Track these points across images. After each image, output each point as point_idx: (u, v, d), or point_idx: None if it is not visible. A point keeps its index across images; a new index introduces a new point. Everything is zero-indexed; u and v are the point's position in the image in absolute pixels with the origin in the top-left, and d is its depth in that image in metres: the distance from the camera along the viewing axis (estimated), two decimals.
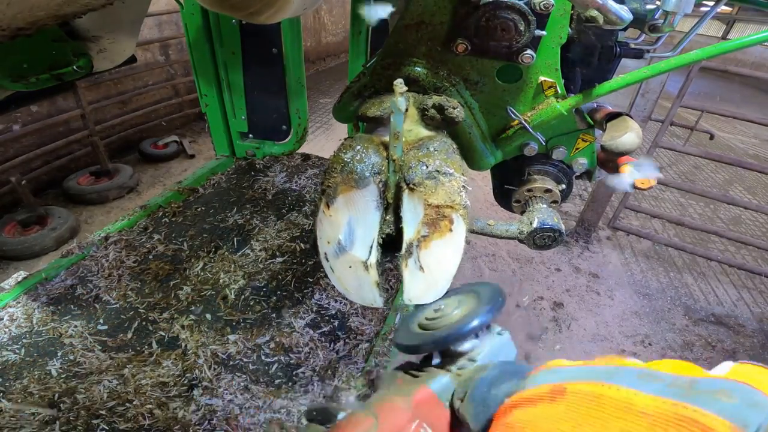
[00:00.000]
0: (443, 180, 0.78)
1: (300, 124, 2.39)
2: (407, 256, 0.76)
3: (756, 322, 3.23)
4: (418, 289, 0.77)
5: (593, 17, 0.77)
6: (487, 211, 4.20)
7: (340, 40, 9.66)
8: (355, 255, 0.78)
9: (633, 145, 0.98)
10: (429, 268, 0.75)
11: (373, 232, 0.80)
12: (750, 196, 5.26)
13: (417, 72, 0.96)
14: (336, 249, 0.79)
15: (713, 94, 9.92)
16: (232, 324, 1.51)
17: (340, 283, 0.82)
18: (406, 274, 0.77)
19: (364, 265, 0.79)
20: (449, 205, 0.76)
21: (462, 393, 0.65)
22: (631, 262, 3.79)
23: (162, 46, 4.98)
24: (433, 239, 0.75)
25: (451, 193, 0.77)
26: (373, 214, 0.80)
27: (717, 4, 0.91)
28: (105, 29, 1.00)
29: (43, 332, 1.42)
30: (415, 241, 0.76)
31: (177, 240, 1.87)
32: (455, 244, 0.76)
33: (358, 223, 0.79)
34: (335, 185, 0.80)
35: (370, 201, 0.80)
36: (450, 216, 0.75)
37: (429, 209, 0.76)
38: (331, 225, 0.79)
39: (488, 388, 0.62)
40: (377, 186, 0.80)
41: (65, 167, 4.08)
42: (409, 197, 0.78)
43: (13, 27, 0.60)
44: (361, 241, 0.79)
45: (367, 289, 0.81)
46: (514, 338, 0.74)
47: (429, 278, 0.76)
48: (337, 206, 0.78)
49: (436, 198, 0.76)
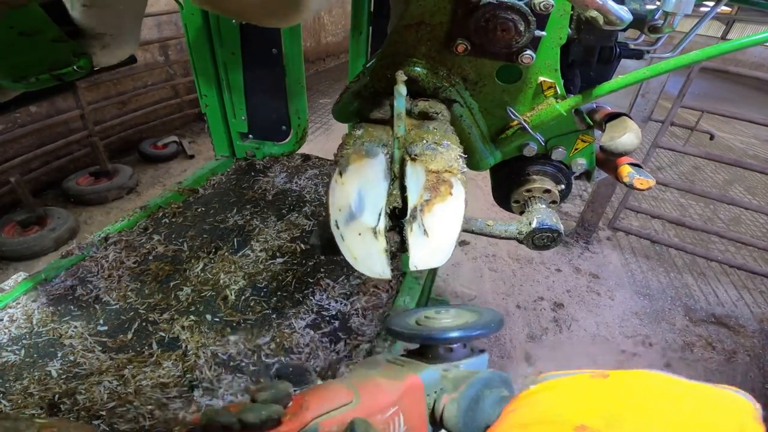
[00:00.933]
0: (441, 150, 0.84)
1: (300, 124, 2.39)
2: (412, 221, 0.80)
3: (756, 322, 3.23)
4: (423, 254, 0.79)
5: (593, 18, 0.77)
6: (487, 212, 4.20)
7: (340, 40, 9.67)
8: (365, 221, 0.82)
9: (632, 145, 0.98)
10: (432, 231, 0.78)
11: (381, 200, 0.84)
12: (750, 197, 5.26)
13: (416, 72, 0.96)
14: (347, 215, 0.82)
15: (713, 94, 9.92)
16: (232, 325, 1.51)
17: (349, 252, 0.84)
18: (411, 239, 0.79)
19: (373, 231, 0.81)
20: (447, 169, 0.81)
21: (451, 389, 0.64)
22: (632, 263, 3.79)
23: (161, 47, 4.98)
24: (435, 202, 0.79)
25: (449, 160, 0.82)
26: (381, 183, 0.85)
27: (717, 4, 0.91)
28: (107, 26, 1.00)
29: (42, 333, 1.42)
30: (418, 205, 0.80)
31: (177, 241, 1.87)
32: (456, 205, 0.80)
33: (367, 191, 0.83)
34: (347, 156, 0.84)
35: (378, 170, 0.85)
36: (449, 180, 0.80)
37: (430, 175, 0.81)
38: (342, 192, 0.82)
39: (482, 389, 0.62)
40: (385, 156, 0.86)
41: (65, 168, 4.08)
42: (412, 166, 0.84)
43: None
44: (370, 209, 0.83)
45: (375, 258, 0.82)
46: (514, 338, 0.75)
47: (433, 242, 0.79)
48: (348, 174, 0.83)
49: (435, 165, 0.81)
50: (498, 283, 3.38)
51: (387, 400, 0.61)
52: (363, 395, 0.61)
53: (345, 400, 0.59)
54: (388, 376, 0.65)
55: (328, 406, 0.57)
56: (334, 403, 0.58)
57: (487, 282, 3.37)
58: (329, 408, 0.57)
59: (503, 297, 3.23)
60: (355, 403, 0.59)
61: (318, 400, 0.58)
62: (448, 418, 0.63)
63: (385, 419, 0.60)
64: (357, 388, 0.61)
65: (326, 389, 0.61)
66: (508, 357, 2.70)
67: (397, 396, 0.62)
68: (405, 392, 0.63)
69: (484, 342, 2.75)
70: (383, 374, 0.66)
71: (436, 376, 0.66)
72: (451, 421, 0.62)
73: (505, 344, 2.77)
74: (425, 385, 0.65)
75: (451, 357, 0.70)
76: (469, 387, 0.62)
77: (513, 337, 2.84)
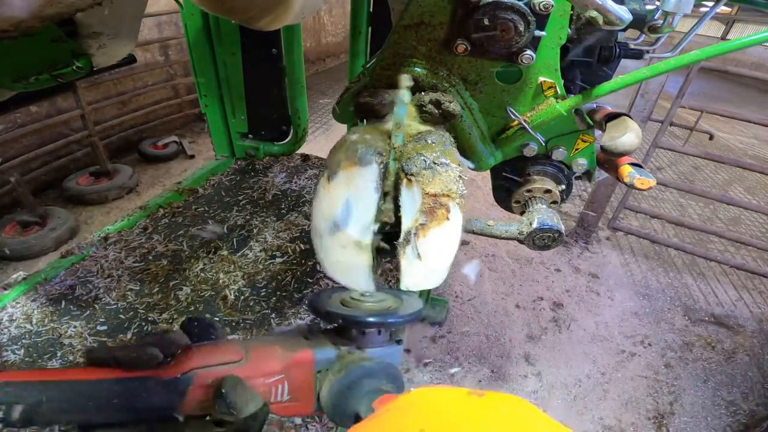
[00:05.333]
0: (440, 170, 0.79)
1: (300, 124, 2.39)
2: (405, 244, 0.77)
3: (756, 322, 3.23)
4: (416, 277, 0.78)
5: (593, 18, 0.77)
6: (487, 212, 4.20)
7: (340, 40, 9.66)
8: (350, 234, 0.78)
9: (633, 145, 0.98)
10: (427, 256, 0.76)
11: (370, 214, 0.79)
12: (749, 197, 5.27)
13: (416, 72, 0.96)
14: (331, 226, 0.79)
15: (713, 94, 9.93)
16: (231, 324, 1.51)
17: (329, 265, 0.82)
18: (404, 262, 0.77)
19: (358, 244, 0.79)
20: (446, 193, 0.77)
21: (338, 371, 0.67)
22: (631, 263, 3.80)
23: (162, 47, 4.98)
24: (431, 227, 0.75)
25: (448, 183, 0.78)
26: (371, 195, 0.80)
27: (716, 4, 0.91)
28: (105, 25, 1.00)
29: (42, 333, 1.42)
30: (413, 229, 0.76)
31: (176, 240, 1.87)
32: (452, 232, 0.76)
33: (356, 202, 0.79)
34: (338, 161, 0.80)
35: (370, 181, 0.79)
36: (447, 204, 0.76)
37: (426, 198, 0.77)
38: (329, 200, 0.79)
39: (361, 377, 0.65)
40: (378, 167, 0.80)
41: (65, 167, 4.08)
42: (407, 187, 0.79)
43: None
44: (357, 221, 0.78)
45: (358, 273, 0.81)
46: (513, 338, 0.77)
47: (427, 266, 0.76)
48: (338, 181, 0.78)
49: (432, 187, 0.77)
50: (497, 283, 3.38)
51: (273, 367, 0.65)
52: (252, 357, 0.64)
53: (233, 358, 0.62)
54: (285, 346, 0.68)
55: (214, 361, 0.61)
56: (220, 359, 0.62)
57: (486, 282, 3.37)
58: (214, 362, 0.61)
59: (502, 297, 3.23)
60: (241, 363, 0.63)
61: (205, 354, 0.62)
62: (322, 397, 0.66)
63: (267, 383, 0.64)
64: (249, 351, 0.65)
65: (219, 346, 0.65)
66: (507, 357, 2.70)
67: (284, 365, 0.65)
68: (293, 363, 0.66)
69: (477, 339, 2.75)
70: (281, 343, 0.69)
71: (330, 356, 0.69)
72: (324, 401, 0.66)
73: (504, 344, 2.77)
74: (316, 361, 0.67)
75: (364, 341, 0.72)
76: (348, 373, 0.65)
77: (512, 337, 2.84)
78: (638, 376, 2.73)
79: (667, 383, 2.70)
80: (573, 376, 2.68)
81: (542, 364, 2.72)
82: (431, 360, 2.62)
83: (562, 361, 2.76)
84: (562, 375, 2.68)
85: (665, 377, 2.74)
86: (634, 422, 2.45)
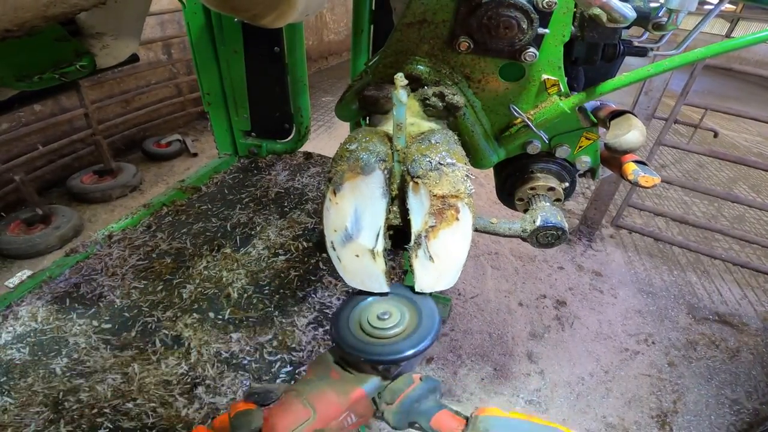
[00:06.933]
0: (446, 170, 0.78)
1: (302, 122, 2.39)
2: (416, 248, 0.77)
3: (760, 320, 3.22)
4: (429, 279, 0.78)
5: (596, 15, 0.77)
6: (491, 209, 4.19)
7: (342, 38, 9.65)
8: (363, 243, 0.79)
9: (637, 143, 0.98)
10: (439, 258, 0.76)
11: (379, 220, 0.80)
12: (754, 194, 5.23)
13: (419, 70, 0.96)
14: (343, 237, 0.79)
15: (717, 92, 9.87)
16: (234, 322, 1.51)
17: (346, 273, 0.83)
18: (417, 265, 0.78)
19: (372, 253, 0.79)
20: (454, 194, 0.76)
21: (389, 398, 0.79)
22: (635, 261, 3.78)
23: (164, 45, 4.99)
24: (441, 229, 0.75)
25: (455, 183, 0.77)
26: (379, 202, 0.80)
27: (721, 2, 0.90)
28: (108, 26, 1.00)
29: (47, 331, 1.43)
30: (423, 231, 0.77)
31: (180, 238, 1.88)
32: (463, 232, 0.77)
33: (364, 210, 0.79)
34: (341, 172, 0.80)
35: (375, 188, 0.80)
36: (456, 205, 0.76)
37: (435, 200, 0.76)
38: (337, 212, 0.79)
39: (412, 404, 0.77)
40: (383, 173, 0.80)
41: (69, 166, 4.09)
42: (414, 189, 0.79)
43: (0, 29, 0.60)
44: (368, 229, 0.79)
45: (374, 279, 0.81)
46: (516, 336, 0.81)
47: (439, 267, 0.77)
48: (343, 193, 0.78)
49: (440, 188, 0.76)
50: (500, 280, 3.37)
51: (338, 411, 0.76)
52: (318, 410, 0.75)
53: (304, 417, 0.73)
54: (338, 389, 0.78)
55: (293, 425, 0.72)
56: (296, 422, 0.73)
57: (489, 280, 3.36)
58: (293, 426, 0.72)
59: (505, 295, 3.23)
60: (312, 418, 0.73)
61: (283, 422, 0.73)
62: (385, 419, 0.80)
63: (339, 422, 0.76)
64: (312, 404, 0.75)
65: (285, 410, 0.75)
66: (510, 354, 2.70)
67: (346, 407, 0.77)
68: (352, 403, 0.78)
69: (480, 337, 2.75)
70: (333, 387, 0.79)
71: (376, 383, 0.80)
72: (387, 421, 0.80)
73: (507, 342, 2.77)
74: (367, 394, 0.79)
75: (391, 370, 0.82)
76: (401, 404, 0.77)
77: (515, 335, 2.83)
78: (642, 375, 2.72)
79: (671, 382, 2.69)
80: (576, 374, 2.67)
81: (545, 362, 2.71)
82: (434, 357, 2.62)
83: (565, 359, 2.75)
84: (565, 373, 2.67)
85: (669, 376, 2.73)
86: (637, 420, 2.45)
